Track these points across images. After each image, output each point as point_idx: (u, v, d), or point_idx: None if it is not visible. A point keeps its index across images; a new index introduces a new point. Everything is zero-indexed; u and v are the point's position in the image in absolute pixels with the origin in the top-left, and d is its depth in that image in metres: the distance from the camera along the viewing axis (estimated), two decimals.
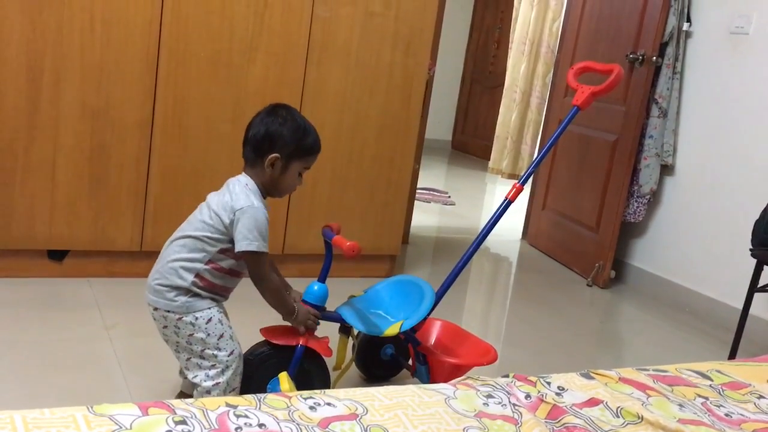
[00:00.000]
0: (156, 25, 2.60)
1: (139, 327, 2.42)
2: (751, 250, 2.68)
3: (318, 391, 1.20)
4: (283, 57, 2.82)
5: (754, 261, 2.67)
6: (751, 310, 2.74)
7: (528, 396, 1.29)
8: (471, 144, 8.17)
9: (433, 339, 2.18)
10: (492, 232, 2.15)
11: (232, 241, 1.72)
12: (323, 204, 3.04)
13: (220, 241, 1.73)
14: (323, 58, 2.90)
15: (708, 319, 3.36)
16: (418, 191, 4.46)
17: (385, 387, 1.25)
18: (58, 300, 2.55)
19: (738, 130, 3.34)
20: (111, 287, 2.70)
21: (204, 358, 1.74)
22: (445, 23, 3.86)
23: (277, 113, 1.77)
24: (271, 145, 1.75)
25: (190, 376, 1.77)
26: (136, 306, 2.56)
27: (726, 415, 1.34)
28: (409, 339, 2.05)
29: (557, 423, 1.22)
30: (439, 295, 2.09)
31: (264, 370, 1.85)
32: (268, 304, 1.82)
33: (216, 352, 1.74)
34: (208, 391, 1.74)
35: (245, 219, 1.69)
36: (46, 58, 2.49)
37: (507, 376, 1.37)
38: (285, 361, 1.85)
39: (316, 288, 1.91)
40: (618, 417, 1.26)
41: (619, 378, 1.43)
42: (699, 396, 1.41)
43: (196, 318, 1.73)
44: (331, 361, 1.98)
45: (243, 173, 1.80)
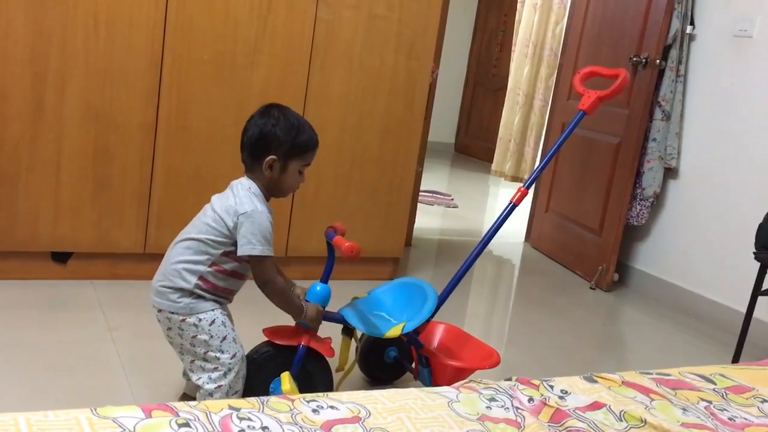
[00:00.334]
0: (160, 28, 2.61)
1: (143, 329, 2.42)
2: (754, 253, 2.67)
3: (321, 393, 1.20)
4: (287, 59, 2.83)
5: (758, 264, 2.67)
6: (755, 314, 2.74)
7: (531, 399, 1.29)
8: (474, 146, 8.17)
9: (436, 342, 2.18)
10: (496, 234, 2.15)
11: (235, 244, 1.72)
12: (326, 206, 3.04)
13: (224, 244, 1.73)
14: (326, 61, 2.90)
15: (711, 322, 3.35)
16: (421, 194, 4.46)
17: (388, 390, 1.25)
18: (62, 302, 2.56)
19: (741, 132, 3.33)
20: (114, 289, 2.70)
21: (207, 360, 1.75)
22: (449, 26, 3.86)
23: (270, 114, 1.77)
24: (266, 147, 1.74)
25: (193, 378, 1.77)
26: (139, 308, 2.57)
27: (729, 419, 1.34)
28: (412, 341, 2.05)
29: (560, 426, 1.22)
30: (442, 298, 2.09)
31: (266, 370, 1.85)
32: (277, 307, 1.82)
33: (219, 354, 1.74)
34: (211, 394, 1.74)
35: (249, 223, 1.70)
36: (51, 61, 2.49)
37: (510, 380, 1.37)
38: (287, 362, 1.85)
39: (319, 288, 1.91)
40: (621, 421, 1.26)
41: (623, 381, 1.43)
42: (702, 400, 1.41)
43: (200, 320, 1.73)
44: (333, 363, 1.98)
45: (245, 177, 1.80)
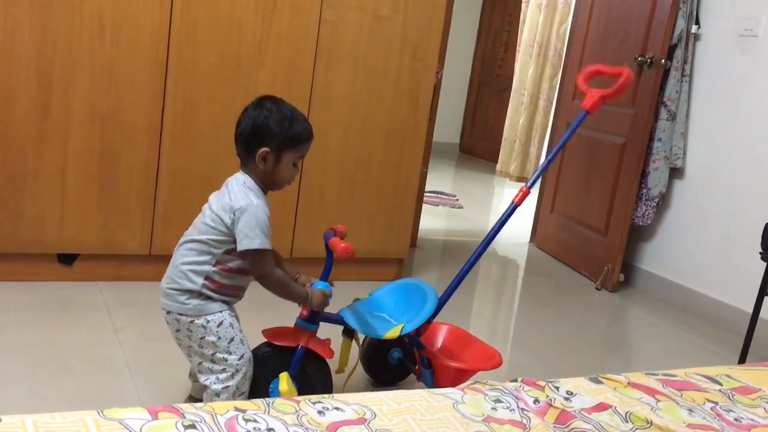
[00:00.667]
0: (165, 30, 2.62)
1: (148, 330, 2.43)
2: (761, 253, 2.66)
3: (326, 395, 1.21)
4: (291, 61, 2.83)
5: (765, 264, 2.66)
6: (762, 314, 2.73)
7: (536, 401, 1.29)
8: (479, 147, 8.17)
9: (439, 343, 2.18)
10: (500, 234, 2.15)
11: (236, 241, 1.72)
12: (331, 208, 3.04)
13: (225, 243, 1.73)
14: (331, 62, 2.91)
15: (718, 322, 3.34)
16: (426, 194, 4.46)
17: (393, 391, 1.25)
18: (68, 303, 2.57)
19: (747, 132, 3.32)
20: (120, 291, 2.71)
21: (215, 362, 1.75)
22: (453, 26, 3.86)
23: (263, 106, 1.75)
24: (259, 139, 1.73)
25: (201, 378, 1.78)
26: (145, 309, 2.58)
27: (736, 420, 1.34)
28: (414, 343, 2.05)
29: (566, 428, 1.22)
30: (443, 299, 2.08)
31: (266, 371, 1.85)
32: (280, 298, 1.81)
33: (226, 355, 1.74)
34: (218, 395, 1.74)
35: (245, 218, 1.69)
36: (56, 63, 2.50)
37: (515, 381, 1.37)
38: (286, 362, 1.85)
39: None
40: (627, 422, 1.26)
41: (628, 383, 1.43)
42: (708, 401, 1.41)
43: (208, 321, 1.74)
44: (334, 364, 1.98)
45: (240, 171, 1.79)
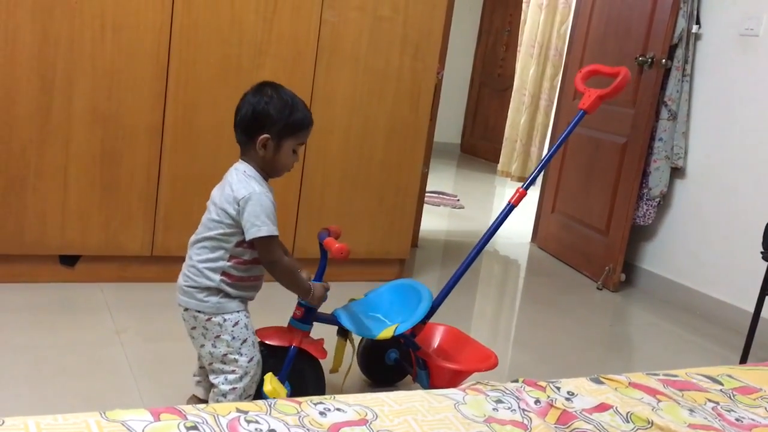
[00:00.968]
0: (166, 31, 2.62)
1: (150, 331, 2.43)
2: (762, 252, 2.66)
3: (328, 396, 1.21)
4: (292, 62, 2.84)
5: (766, 263, 2.66)
6: (763, 314, 2.73)
7: (538, 401, 1.29)
8: (480, 147, 8.17)
9: (435, 344, 2.17)
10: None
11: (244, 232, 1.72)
12: (333, 208, 3.05)
13: (234, 235, 1.72)
14: (332, 63, 2.91)
15: (719, 322, 3.34)
16: (427, 194, 4.46)
17: (394, 392, 1.26)
18: (70, 305, 2.57)
19: (748, 131, 3.32)
20: (122, 292, 2.71)
21: (225, 362, 1.75)
22: (454, 27, 3.86)
23: (263, 92, 1.74)
24: (259, 125, 1.72)
25: (211, 377, 1.78)
26: (147, 310, 2.58)
27: (737, 420, 1.34)
28: (409, 343, 2.04)
29: (567, 428, 1.22)
30: (439, 300, 2.07)
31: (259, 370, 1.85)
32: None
33: (237, 356, 1.74)
34: (225, 395, 1.74)
35: (250, 206, 1.68)
36: (58, 65, 2.51)
37: (516, 381, 1.38)
38: (280, 363, 1.85)
39: None
40: (628, 422, 1.26)
41: (629, 383, 1.43)
42: (709, 401, 1.41)
43: (225, 319, 1.74)
44: (328, 365, 1.98)
45: (240, 160, 1.79)
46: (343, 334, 2.02)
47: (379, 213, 3.14)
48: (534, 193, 4.83)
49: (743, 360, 2.75)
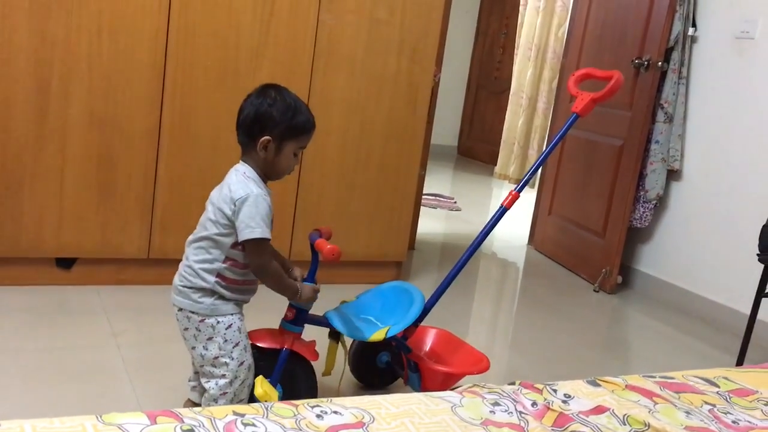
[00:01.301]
0: (163, 34, 2.62)
1: (147, 334, 2.43)
2: (758, 254, 2.67)
3: (325, 399, 1.21)
4: (289, 65, 2.84)
5: (762, 266, 2.66)
6: (759, 316, 2.73)
7: (534, 404, 1.29)
8: (477, 149, 8.18)
9: (426, 347, 2.17)
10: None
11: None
12: (330, 210, 3.05)
13: (230, 236, 1.71)
14: (329, 66, 2.91)
15: (715, 324, 3.35)
16: (424, 197, 4.46)
17: (391, 395, 1.25)
18: (66, 308, 2.57)
19: (744, 134, 3.33)
20: (119, 295, 2.71)
21: (216, 366, 1.75)
22: (450, 29, 3.87)
23: (267, 94, 1.74)
24: (261, 127, 1.72)
25: (202, 380, 1.78)
26: (144, 313, 2.58)
27: (733, 422, 1.34)
28: (400, 346, 2.04)
29: (564, 431, 1.22)
30: (431, 303, 2.07)
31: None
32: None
33: (229, 360, 1.74)
34: (215, 399, 1.74)
35: (246, 207, 1.67)
36: (54, 68, 2.51)
37: (513, 384, 1.38)
38: (271, 365, 1.85)
39: None
40: (625, 424, 1.26)
41: (626, 385, 1.43)
42: (706, 403, 1.41)
43: (218, 321, 1.73)
44: (320, 367, 1.97)
45: (240, 161, 1.78)
46: (335, 336, 2.01)
47: (376, 215, 3.14)
48: (531, 196, 4.84)
49: (739, 362, 2.75)
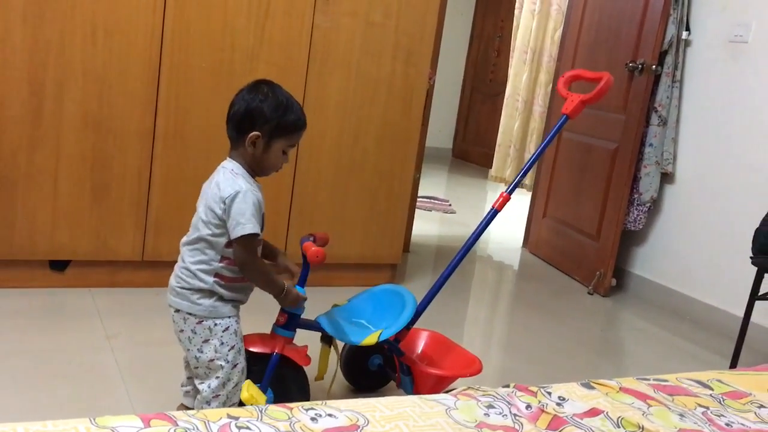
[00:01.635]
0: (158, 36, 2.62)
1: (141, 337, 2.42)
2: (751, 257, 2.68)
3: (319, 402, 1.21)
4: (284, 67, 2.84)
5: (755, 269, 2.67)
6: (752, 318, 2.74)
7: (529, 406, 1.29)
8: (471, 152, 8.19)
9: (419, 349, 2.16)
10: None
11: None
12: (324, 213, 3.05)
13: (223, 235, 1.70)
14: (324, 68, 2.91)
15: (709, 327, 3.36)
16: (419, 199, 4.46)
17: (386, 398, 1.25)
18: (60, 310, 2.56)
19: (738, 137, 3.35)
20: (113, 297, 2.70)
21: (210, 368, 1.74)
22: (445, 32, 3.87)
23: (259, 89, 1.73)
24: (251, 122, 1.71)
25: (196, 382, 1.77)
26: (137, 316, 2.57)
27: (726, 424, 1.35)
28: (393, 349, 2.04)
29: None
30: (423, 305, 2.06)
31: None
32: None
33: (223, 363, 1.73)
34: (208, 402, 1.74)
35: (236, 204, 1.66)
36: (48, 69, 2.50)
37: (508, 386, 1.38)
38: (263, 369, 1.84)
39: None
40: (619, 427, 1.26)
41: (620, 388, 1.44)
42: (699, 406, 1.41)
43: (215, 324, 1.73)
44: (312, 371, 1.97)
45: (228, 158, 1.77)
46: (327, 340, 2.00)
47: (370, 218, 3.14)
48: (525, 198, 4.84)
49: (733, 365, 2.76)
